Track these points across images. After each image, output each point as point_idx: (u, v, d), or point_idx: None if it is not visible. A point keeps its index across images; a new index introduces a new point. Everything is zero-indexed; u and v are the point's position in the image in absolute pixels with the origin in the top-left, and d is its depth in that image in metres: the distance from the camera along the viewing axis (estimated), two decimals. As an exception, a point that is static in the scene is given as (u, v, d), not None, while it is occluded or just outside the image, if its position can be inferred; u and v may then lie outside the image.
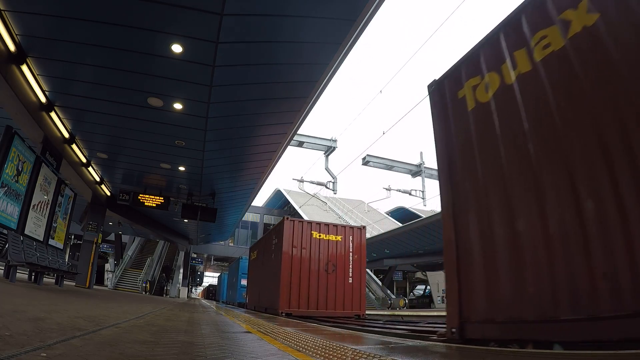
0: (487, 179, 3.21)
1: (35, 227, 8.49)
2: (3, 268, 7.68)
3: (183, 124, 8.41)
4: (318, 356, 2.30)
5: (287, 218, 10.14)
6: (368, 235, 14.04)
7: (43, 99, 7.37)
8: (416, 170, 23.98)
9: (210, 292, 46.34)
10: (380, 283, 30.13)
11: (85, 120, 8.53)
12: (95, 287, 13.99)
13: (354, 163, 48.95)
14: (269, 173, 12.72)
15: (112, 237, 26.81)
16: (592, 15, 2.46)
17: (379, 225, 32.23)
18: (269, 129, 9.22)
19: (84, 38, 5.81)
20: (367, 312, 10.88)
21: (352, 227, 10.68)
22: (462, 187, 3.51)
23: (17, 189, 7.48)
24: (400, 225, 26.51)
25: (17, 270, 7.17)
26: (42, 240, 8.91)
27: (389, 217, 37.76)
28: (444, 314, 3.98)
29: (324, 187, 21.20)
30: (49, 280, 11.14)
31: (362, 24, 5.64)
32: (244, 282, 18.57)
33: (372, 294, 28.64)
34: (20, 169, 7.52)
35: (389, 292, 29.07)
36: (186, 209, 13.50)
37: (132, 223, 18.05)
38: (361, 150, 60.17)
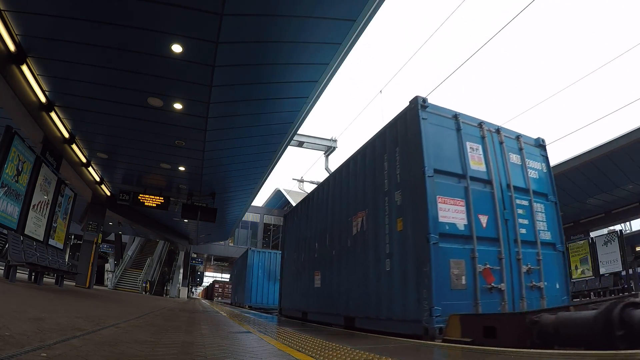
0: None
1: (35, 227, 8.49)
2: (3, 268, 7.68)
3: (183, 124, 8.41)
4: None
5: None
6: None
7: (43, 99, 7.37)
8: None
9: (216, 291, 37.08)
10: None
11: (85, 120, 8.52)
12: (95, 287, 13.98)
13: (354, 163, 48.63)
14: (269, 173, 12.72)
15: (112, 237, 26.80)
16: None
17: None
18: (269, 129, 9.22)
19: (84, 38, 5.81)
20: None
21: None
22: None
23: (17, 189, 7.47)
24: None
25: (17, 270, 7.17)
26: (42, 240, 8.90)
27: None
28: None
29: (324, 187, 21.10)
30: (49, 280, 11.14)
31: (362, 24, 5.64)
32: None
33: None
34: (20, 169, 7.52)
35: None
36: (186, 209, 13.50)
37: (132, 223, 18.04)
38: (361, 150, 59.66)
